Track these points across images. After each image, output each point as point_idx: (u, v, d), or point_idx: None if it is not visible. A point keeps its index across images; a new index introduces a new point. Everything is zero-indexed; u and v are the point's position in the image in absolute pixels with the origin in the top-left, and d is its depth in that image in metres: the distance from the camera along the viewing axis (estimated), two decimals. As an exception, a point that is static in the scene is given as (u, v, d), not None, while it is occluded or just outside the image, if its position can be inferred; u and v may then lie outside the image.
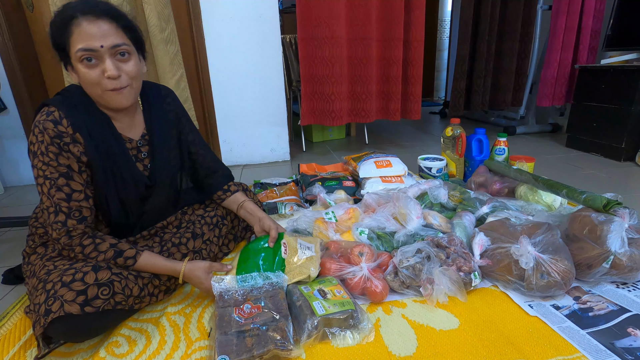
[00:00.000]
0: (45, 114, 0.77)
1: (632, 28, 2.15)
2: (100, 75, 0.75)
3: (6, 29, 1.74)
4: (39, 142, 0.75)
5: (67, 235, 0.78)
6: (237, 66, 2.03)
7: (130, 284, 0.79)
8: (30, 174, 1.97)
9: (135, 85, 0.82)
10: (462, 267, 0.90)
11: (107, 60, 0.75)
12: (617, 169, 1.92)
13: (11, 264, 1.10)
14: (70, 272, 0.72)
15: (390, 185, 1.47)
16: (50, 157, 0.75)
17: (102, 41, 0.73)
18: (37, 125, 0.76)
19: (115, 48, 0.75)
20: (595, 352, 0.71)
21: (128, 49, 0.78)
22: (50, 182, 0.76)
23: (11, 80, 1.80)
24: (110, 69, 0.74)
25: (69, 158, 0.77)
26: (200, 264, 0.87)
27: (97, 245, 0.80)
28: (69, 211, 0.77)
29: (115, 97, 0.78)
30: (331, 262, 0.95)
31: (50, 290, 0.70)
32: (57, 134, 0.75)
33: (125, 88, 0.79)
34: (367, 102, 2.29)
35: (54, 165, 0.76)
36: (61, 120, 0.77)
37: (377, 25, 2.19)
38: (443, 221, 1.16)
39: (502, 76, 3.13)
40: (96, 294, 0.71)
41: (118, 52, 0.76)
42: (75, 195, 0.78)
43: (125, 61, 0.78)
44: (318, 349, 0.74)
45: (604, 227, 0.89)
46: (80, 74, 0.76)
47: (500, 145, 1.59)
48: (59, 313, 0.67)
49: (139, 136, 0.91)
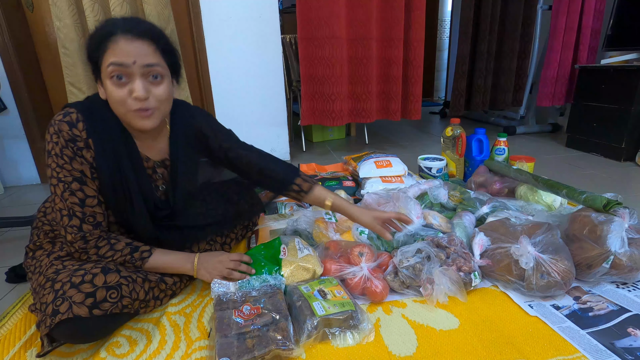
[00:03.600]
0: (63, 114, 0.76)
1: (632, 28, 2.15)
2: (127, 94, 0.72)
3: (6, 29, 1.74)
4: (54, 142, 0.74)
5: (83, 240, 0.78)
6: (237, 66, 2.02)
7: (137, 288, 0.79)
8: (30, 174, 1.98)
9: (163, 109, 0.78)
10: (462, 267, 0.90)
11: (137, 80, 0.72)
12: (617, 169, 1.92)
13: (12, 263, 1.10)
14: (80, 273, 0.72)
15: (390, 185, 1.47)
16: (64, 159, 0.75)
17: (136, 58, 0.71)
18: (53, 124, 0.75)
19: (148, 67, 0.72)
20: (595, 352, 0.71)
21: (161, 71, 0.75)
22: (64, 186, 0.75)
23: (11, 80, 1.80)
24: (138, 89, 0.71)
25: (82, 163, 0.76)
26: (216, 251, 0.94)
27: (112, 245, 0.80)
28: (83, 216, 0.77)
29: (139, 119, 0.75)
30: (331, 262, 0.95)
31: (59, 291, 0.69)
32: (72, 137, 0.75)
33: (151, 111, 0.75)
34: (367, 102, 2.29)
35: (68, 169, 0.75)
36: (77, 123, 0.75)
37: (377, 25, 2.19)
38: (443, 221, 1.16)
39: (502, 76, 3.13)
40: (104, 297, 0.71)
41: (150, 74, 0.73)
42: (89, 201, 0.78)
43: (157, 84, 0.75)
44: (318, 349, 0.74)
45: (604, 227, 0.89)
46: (107, 90, 0.73)
47: (500, 145, 1.59)
48: (67, 315, 0.67)
49: (158, 158, 0.88)
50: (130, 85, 0.72)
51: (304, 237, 1.12)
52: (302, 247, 1.00)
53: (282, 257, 0.96)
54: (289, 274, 0.92)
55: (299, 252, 0.97)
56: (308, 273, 0.93)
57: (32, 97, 1.87)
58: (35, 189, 1.92)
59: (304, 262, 0.94)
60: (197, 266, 0.89)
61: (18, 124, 1.87)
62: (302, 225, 1.16)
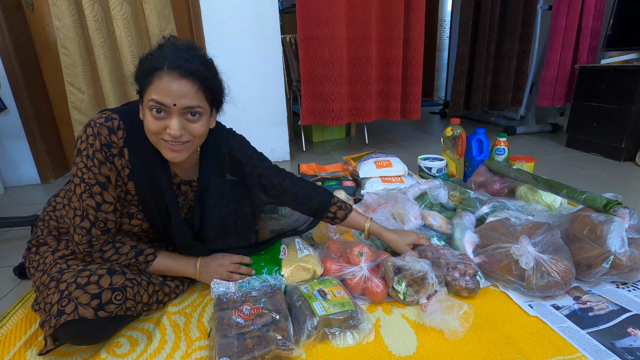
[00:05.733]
0: (105, 117, 0.76)
1: (632, 28, 2.15)
2: (162, 128, 0.73)
3: (6, 29, 1.74)
4: (89, 144, 0.74)
5: (89, 244, 0.78)
6: (237, 66, 2.03)
7: (141, 291, 0.79)
8: (30, 174, 1.98)
9: (196, 143, 0.79)
10: (467, 271, 0.89)
11: (174, 118, 0.72)
12: (617, 169, 1.92)
13: (12, 263, 1.10)
14: (85, 274, 0.72)
15: (390, 185, 1.47)
16: (94, 162, 0.75)
17: (177, 100, 0.71)
18: (92, 126, 0.75)
19: (187, 109, 0.73)
20: (595, 352, 0.71)
21: (201, 111, 0.75)
22: (86, 187, 0.76)
23: (11, 80, 1.80)
24: (174, 128, 0.72)
25: (110, 169, 0.77)
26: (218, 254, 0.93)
27: (117, 249, 0.81)
28: (95, 220, 0.77)
29: (169, 152, 0.76)
30: (331, 262, 0.95)
31: (64, 291, 0.70)
32: (108, 142, 0.75)
33: (184, 144, 0.76)
34: (367, 102, 2.30)
35: (95, 172, 0.75)
36: (117, 130, 0.76)
37: (377, 25, 2.19)
38: (443, 222, 1.16)
39: (502, 76, 3.13)
40: (110, 299, 0.71)
41: (189, 113, 0.74)
42: (104, 207, 0.78)
43: (194, 121, 0.75)
44: (318, 349, 0.74)
45: (604, 227, 0.89)
46: (145, 118, 0.74)
47: (500, 145, 1.59)
48: (72, 316, 0.67)
49: (186, 177, 0.88)
50: (167, 121, 0.73)
51: (304, 237, 1.12)
52: (302, 247, 1.00)
53: (282, 257, 0.96)
54: (289, 274, 0.92)
55: (299, 252, 0.97)
56: (308, 273, 0.93)
57: (32, 97, 1.87)
58: (35, 189, 1.92)
59: (304, 262, 0.94)
60: (199, 270, 0.90)
61: (18, 124, 1.87)
62: (302, 225, 1.16)
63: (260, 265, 0.94)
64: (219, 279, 0.88)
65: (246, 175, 0.95)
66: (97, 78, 1.89)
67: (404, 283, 0.85)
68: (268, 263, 0.95)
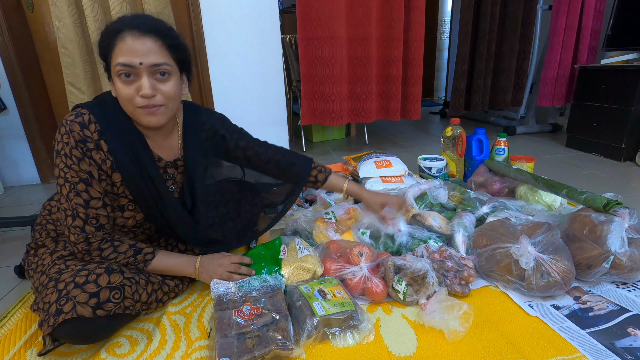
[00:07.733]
0: (75, 114, 0.76)
1: (632, 28, 2.15)
2: (134, 92, 0.73)
3: (6, 29, 1.74)
4: (64, 142, 0.74)
5: (86, 242, 0.78)
6: (237, 66, 2.02)
7: (140, 290, 0.79)
8: (30, 174, 1.98)
9: (171, 105, 0.79)
10: (470, 278, 0.90)
11: (143, 77, 0.73)
12: (617, 169, 1.92)
13: (12, 263, 1.10)
14: (84, 274, 0.72)
15: (390, 185, 1.47)
16: (73, 160, 0.75)
17: (142, 58, 0.71)
18: (64, 124, 0.75)
19: (154, 67, 0.73)
20: (595, 352, 0.71)
21: (169, 69, 0.75)
22: (70, 186, 0.76)
23: (11, 80, 1.80)
24: (145, 87, 0.72)
25: (90, 165, 0.76)
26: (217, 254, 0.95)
27: (116, 248, 0.81)
28: (86, 217, 0.77)
29: (146, 116, 0.76)
30: (331, 262, 0.95)
31: (62, 290, 0.70)
32: (82, 138, 0.75)
33: (158, 107, 0.76)
34: (367, 102, 2.29)
35: (76, 170, 0.75)
36: (89, 124, 0.76)
37: (377, 25, 2.19)
38: (443, 222, 1.16)
39: (502, 76, 3.13)
40: (108, 298, 0.71)
41: (158, 72, 0.74)
42: (93, 203, 0.78)
43: (164, 81, 0.76)
44: (318, 349, 0.74)
45: (604, 227, 0.89)
46: (116, 88, 0.75)
47: (500, 145, 1.59)
48: (71, 315, 0.67)
49: (170, 158, 0.88)
50: (138, 83, 0.73)
51: (304, 237, 1.12)
52: (302, 247, 1.00)
53: (282, 257, 0.96)
54: (289, 274, 0.92)
55: (299, 252, 0.97)
56: (308, 273, 0.93)
57: (32, 97, 1.87)
58: (35, 189, 1.92)
59: (304, 262, 0.94)
60: (199, 269, 0.90)
61: (18, 124, 1.87)
62: (302, 225, 1.16)
63: (260, 265, 0.94)
64: (219, 279, 0.88)
65: (230, 150, 0.99)
66: (97, 78, 1.88)
67: (404, 282, 0.85)
68: (268, 263, 0.95)
